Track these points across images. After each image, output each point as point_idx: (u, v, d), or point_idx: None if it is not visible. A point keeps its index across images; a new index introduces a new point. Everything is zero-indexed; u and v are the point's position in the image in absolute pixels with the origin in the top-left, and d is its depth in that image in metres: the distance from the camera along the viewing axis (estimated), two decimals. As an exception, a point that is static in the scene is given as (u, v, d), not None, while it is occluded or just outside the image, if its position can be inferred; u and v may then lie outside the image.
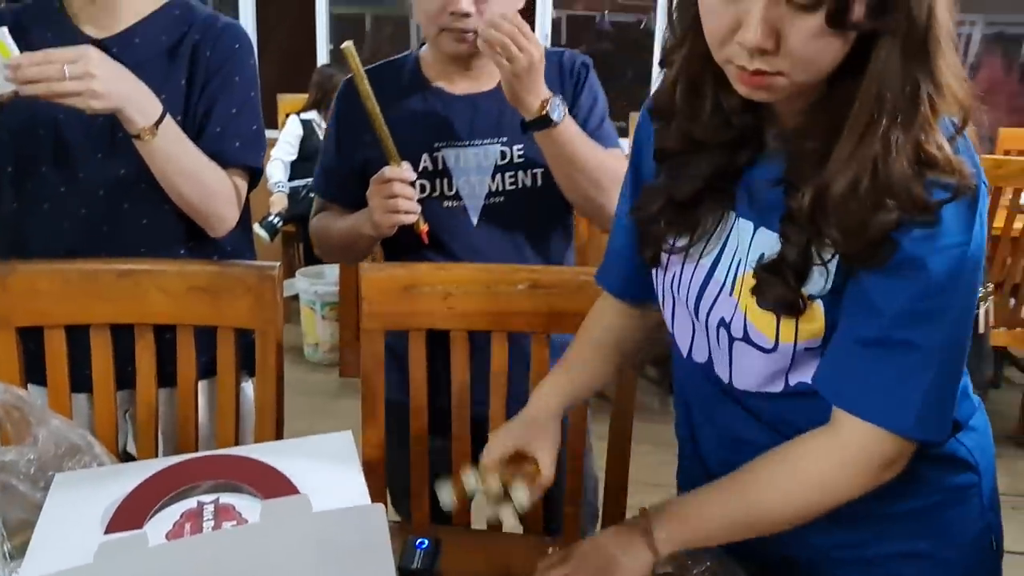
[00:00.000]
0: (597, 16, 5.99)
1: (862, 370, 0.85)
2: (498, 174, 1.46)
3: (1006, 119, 5.40)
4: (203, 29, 1.37)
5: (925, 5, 0.74)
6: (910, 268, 0.80)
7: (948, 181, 0.78)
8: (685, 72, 0.89)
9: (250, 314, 1.30)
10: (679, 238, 0.95)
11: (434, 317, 1.32)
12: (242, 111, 1.36)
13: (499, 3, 1.38)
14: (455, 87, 1.48)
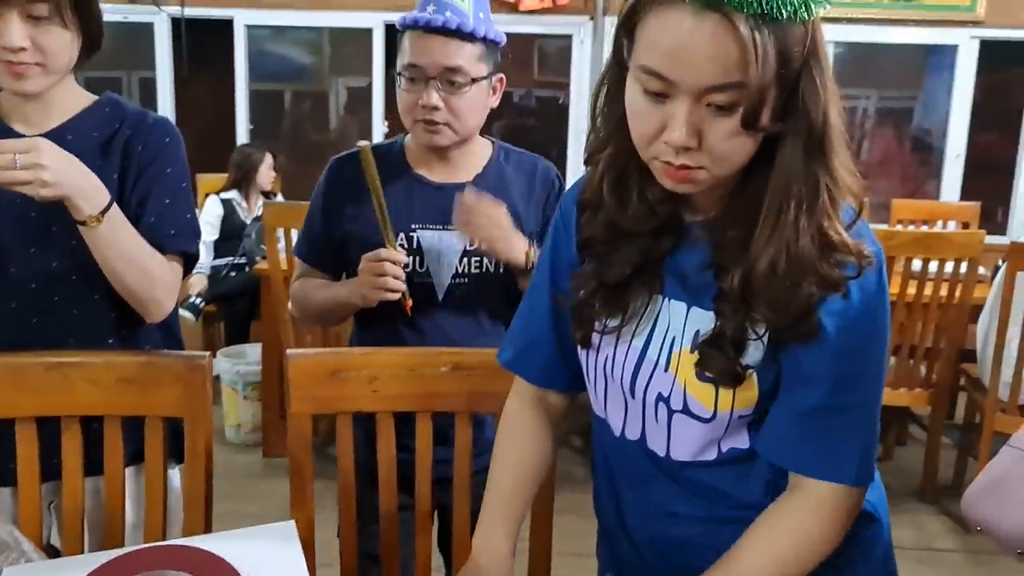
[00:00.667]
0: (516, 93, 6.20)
1: (811, 436, 0.95)
2: (465, 258, 1.58)
3: (899, 188, 5.75)
4: (134, 125, 1.42)
5: (821, 110, 0.86)
6: (833, 337, 0.91)
7: (851, 260, 0.90)
8: (611, 168, 0.98)
9: (179, 403, 1.32)
10: (610, 319, 1.02)
11: (360, 400, 1.36)
12: (175, 201, 1.41)
13: (467, 100, 1.52)
14: (434, 175, 1.61)
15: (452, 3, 1.48)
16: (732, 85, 0.82)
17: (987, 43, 4.32)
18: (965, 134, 4.45)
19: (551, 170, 1.67)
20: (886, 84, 5.75)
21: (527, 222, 1.61)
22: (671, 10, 0.83)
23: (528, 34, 4.70)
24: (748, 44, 0.80)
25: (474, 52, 1.50)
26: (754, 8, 0.80)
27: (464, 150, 1.61)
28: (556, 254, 1.13)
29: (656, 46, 0.85)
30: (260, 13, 4.43)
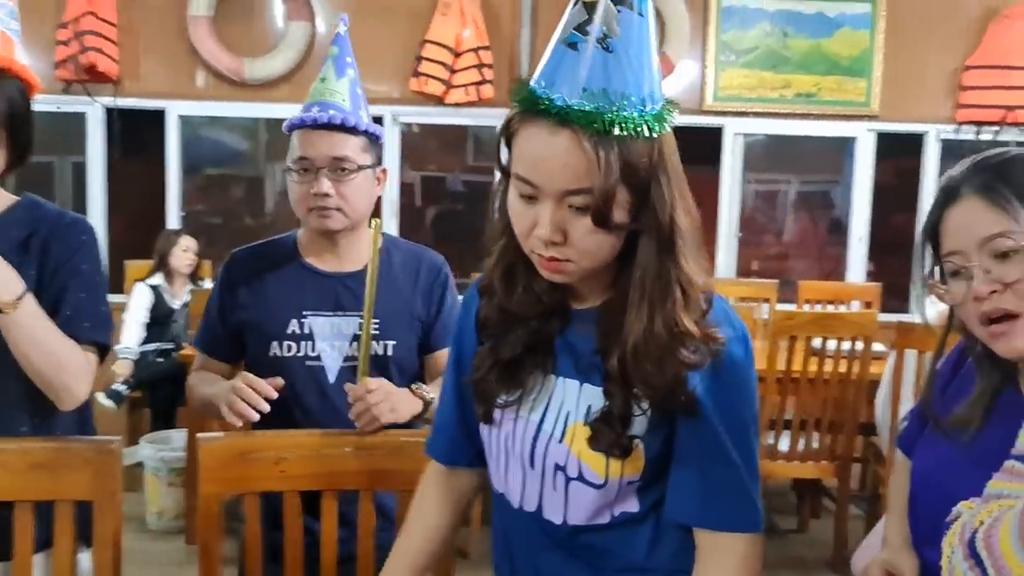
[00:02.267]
0: (448, 177, 6.39)
1: (715, 495, 1.07)
2: (355, 341, 1.67)
3: (816, 268, 6.03)
4: (51, 225, 1.49)
5: (667, 213, 1.00)
6: (713, 407, 1.04)
7: (701, 345, 1.02)
8: (502, 259, 1.12)
9: (90, 487, 1.37)
10: (508, 395, 1.13)
11: (268, 481, 1.43)
12: (90, 295, 1.48)
13: (355, 187, 1.66)
14: (324, 264, 1.73)
15: (334, 103, 1.66)
16: (584, 190, 0.96)
17: (884, 134, 4.64)
18: (867, 218, 4.73)
19: (437, 260, 1.80)
20: (808, 170, 6.09)
21: (413, 307, 1.73)
22: (534, 126, 0.98)
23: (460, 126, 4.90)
24: (592, 156, 0.94)
25: (358, 143, 1.67)
26: (596, 127, 0.94)
27: (353, 239, 1.73)
28: (461, 340, 1.24)
29: (524, 156, 0.99)
30: (194, 104, 4.54)
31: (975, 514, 1.03)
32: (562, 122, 0.95)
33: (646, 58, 0.99)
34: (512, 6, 4.42)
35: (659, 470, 1.10)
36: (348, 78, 1.71)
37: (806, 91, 4.49)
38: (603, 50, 0.96)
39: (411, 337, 1.73)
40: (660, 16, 4.39)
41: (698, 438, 1.06)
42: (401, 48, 4.38)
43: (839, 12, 4.48)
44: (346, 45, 1.75)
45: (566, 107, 0.95)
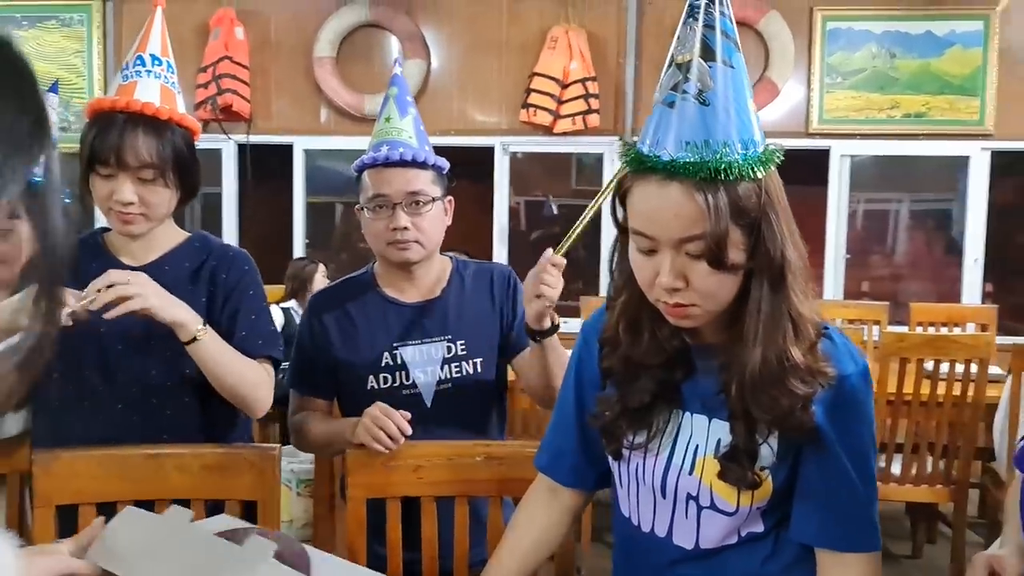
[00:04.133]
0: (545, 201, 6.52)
1: (837, 518, 1.15)
2: (446, 365, 1.79)
3: (930, 289, 5.89)
4: (219, 257, 1.70)
5: (779, 250, 1.07)
6: (835, 437, 1.12)
7: (810, 378, 1.10)
8: (625, 313, 1.20)
9: (253, 488, 1.55)
10: (637, 436, 1.22)
11: (407, 486, 1.59)
12: (259, 317, 1.68)
13: (430, 219, 1.77)
14: (405, 295, 1.84)
15: (403, 141, 1.76)
16: (697, 236, 1.04)
17: (1000, 153, 4.55)
18: (982, 239, 4.63)
19: (505, 270, 1.90)
20: (920, 188, 5.96)
21: (491, 324, 1.83)
22: (645, 183, 1.07)
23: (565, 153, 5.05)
24: (702, 203, 1.03)
25: (428, 177, 1.77)
26: (703, 174, 1.03)
27: (428, 268, 1.83)
28: (580, 373, 1.33)
29: (639, 211, 1.09)
30: (318, 139, 4.83)
31: None
32: (670, 175, 1.03)
33: (741, 105, 1.06)
34: (617, 39, 4.56)
35: (785, 496, 1.18)
36: (411, 116, 1.81)
37: (915, 111, 4.45)
38: (700, 104, 1.04)
39: (494, 354, 1.84)
40: (764, 41, 4.44)
41: (821, 465, 1.14)
42: (511, 81, 4.57)
43: (949, 31, 4.43)
44: (404, 85, 1.85)
45: (671, 161, 1.03)
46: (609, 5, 4.54)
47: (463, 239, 4.98)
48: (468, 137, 4.54)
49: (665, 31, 4.52)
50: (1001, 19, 4.40)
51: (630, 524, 1.29)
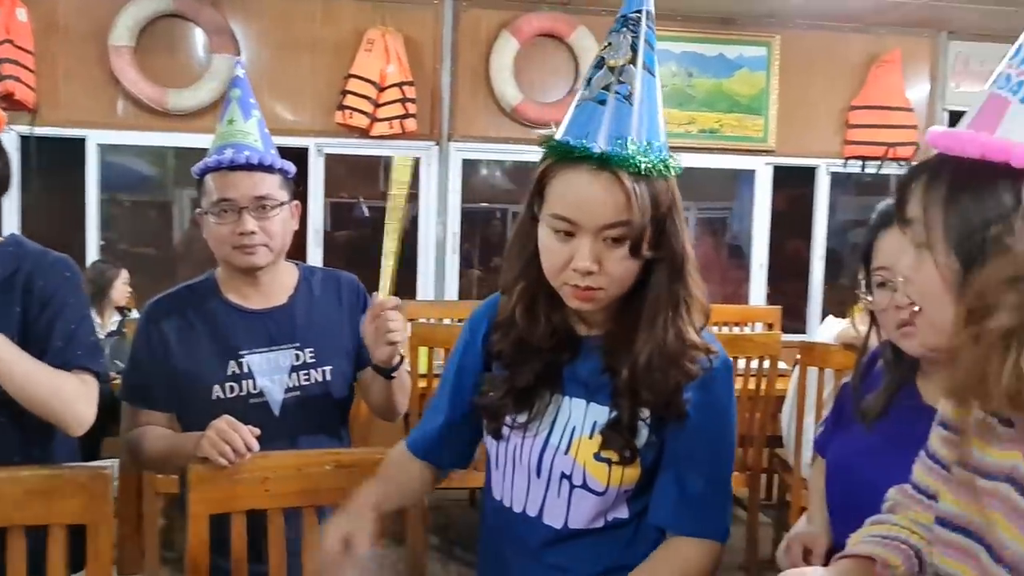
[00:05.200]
0: (356, 203, 6.46)
1: (692, 503, 1.23)
2: (294, 373, 1.76)
3: (719, 292, 6.35)
4: (35, 263, 1.57)
5: (680, 244, 1.18)
6: (701, 421, 1.21)
7: (702, 355, 1.20)
8: (523, 298, 1.26)
9: (83, 511, 1.44)
10: (519, 416, 1.28)
11: (253, 499, 1.53)
12: (79, 326, 1.56)
13: (278, 223, 1.74)
14: (250, 302, 1.79)
15: (248, 144, 1.73)
16: (621, 223, 1.13)
17: (779, 167, 4.99)
18: (766, 246, 5.06)
19: (353, 280, 1.91)
20: (704, 197, 6.41)
21: (342, 331, 1.82)
22: (573, 171, 1.15)
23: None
24: (631, 193, 1.12)
25: (275, 181, 1.75)
26: (631, 167, 1.12)
27: (275, 274, 1.80)
28: (463, 360, 1.39)
29: (563, 197, 1.16)
30: (115, 133, 4.52)
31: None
32: (602, 165, 1.12)
33: (657, 111, 1.18)
34: (434, 44, 4.59)
35: (651, 479, 1.27)
36: (256, 119, 1.78)
37: (709, 127, 4.80)
38: (628, 105, 1.14)
39: (345, 362, 1.82)
40: (574, 54, 4.63)
41: (682, 446, 1.24)
42: (325, 82, 4.48)
43: (738, 54, 4.82)
44: (247, 87, 1.81)
45: (604, 152, 1.12)
46: (426, 10, 4.57)
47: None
48: (280, 137, 4.37)
49: (481, 39, 4.60)
50: (781, 46, 4.84)
51: (501, 506, 1.35)
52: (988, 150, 0.83)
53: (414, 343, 3.11)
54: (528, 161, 4.95)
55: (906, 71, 4.90)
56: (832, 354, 3.01)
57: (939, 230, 0.86)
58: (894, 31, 4.91)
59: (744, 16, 4.75)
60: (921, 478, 1.11)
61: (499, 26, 4.57)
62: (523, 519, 1.32)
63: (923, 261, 0.89)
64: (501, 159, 5.91)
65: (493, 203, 7.54)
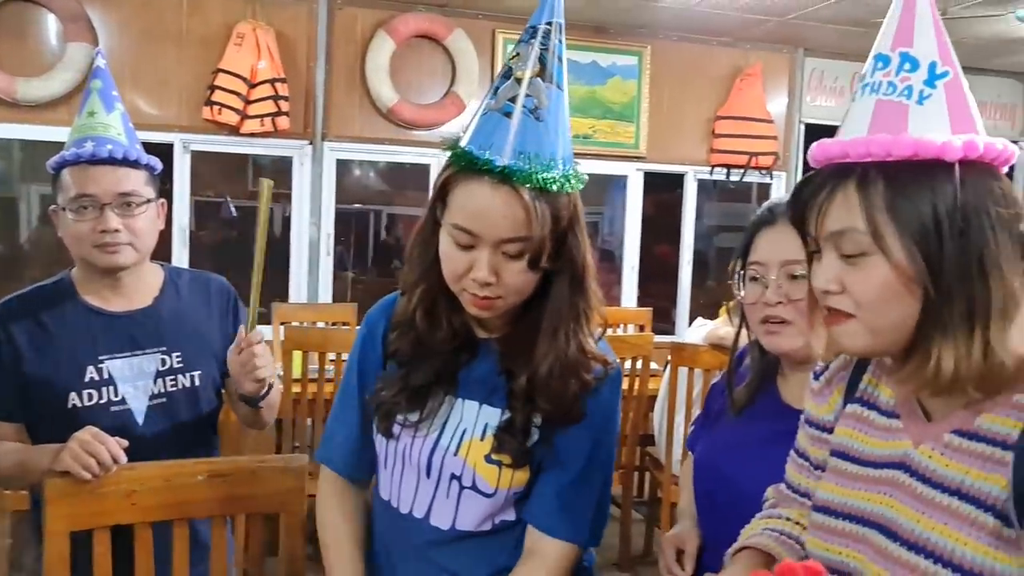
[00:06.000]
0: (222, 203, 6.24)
1: (563, 504, 1.24)
2: (160, 379, 1.67)
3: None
4: None
5: (581, 257, 1.20)
6: (588, 426, 1.23)
7: (599, 365, 1.22)
8: (424, 300, 1.25)
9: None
10: (411, 415, 1.27)
11: (119, 513, 1.45)
12: None
13: (143, 221, 1.65)
14: (111, 304, 1.68)
15: (111, 137, 1.63)
16: (520, 238, 1.14)
17: (649, 173, 5.14)
18: (637, 249, 5.21)
19: (224, 283, 1.84)
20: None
21: (211, 335, 1.75)
22: (475, 183, 1.14)
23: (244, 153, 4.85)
24: (530, 208, 1.12)
25: (141, 177, 1.66)
26: (532, 183, 1.12)
27: (138, 275, 1.71)
28: (363, 362, 1.36)
29: (464, 209, 1.15)
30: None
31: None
32: (503, 180, 1.12)
33: (566, 126, 1.18)
34: (308, 41, 4.48)
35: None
36: (119, 112, 1.69)
37: (584, 133, 4.89)
38: (534, 119, 1.14)
39: (214, 366, 1.76)
40: (451, 57, 4.62)
41: (564, 449, 1.25)
42: (192, 76, 4.30)
43: (611, 63, 4.93)
44: (108, 79, 1.72)
45: (507, 167, 1.11)
46: (299, 5, 4.46)
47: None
48: (144, 132, 4.16)
49: (356, 38, 4.53)
50: (652, 56, 4.98)
51: (389, 507, 1.33)
52: (920, 148, 0.87)
53: (287, 347, 3.03)
54: (403, 163, 4.92)
55: (767, 84, 5.14)
56: (701, 354, 3.11)
57: (892, 233, 0.87)
58: (757, 46, 5.14)
59: (617, 25, 4.86)
60: (793, 477, 1.16)
61: (375, 25, 4.51)
62: (410, 520, 1.31)
63: (863, 268, 0.89)
64: (376, 160, 5.83)
65: (367, 204, 7.44)
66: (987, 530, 0.85)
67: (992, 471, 0.86)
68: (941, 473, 0.90)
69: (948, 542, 0.87)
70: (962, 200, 0.86)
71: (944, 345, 0.86)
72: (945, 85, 0.91)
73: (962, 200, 0.86)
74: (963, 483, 0.88)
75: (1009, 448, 0.86)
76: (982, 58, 5.09)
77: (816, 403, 1.11)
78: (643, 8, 4.49)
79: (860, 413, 1.03)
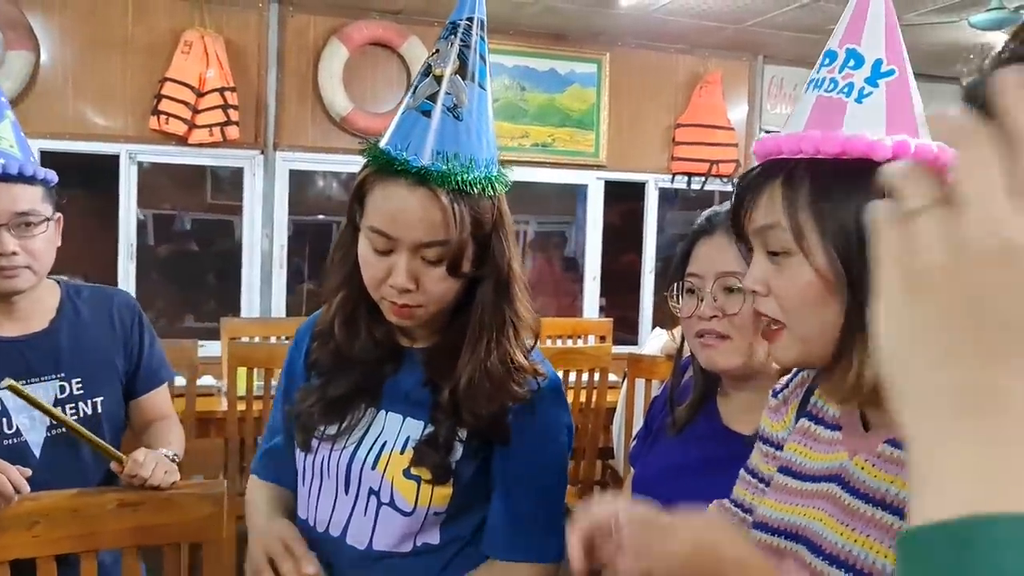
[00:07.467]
0: (178, 216, 6.11)
1: (519, 526, 1.17)
2: (59, 407, 1.55)
3: (554, 304, 6.43)
4: None
5: (506, 262, 1.14)
6: (529, 441, 1.16)
7: (530, 377, 1.15)
8: (343, 309, 1.19)
9: None
10: (329, 427, 1.20)
11: (20, 547, 1.35)
12: None
13: (42, 241, 1.54)
14: (3, 330, 1.57)
15: (2, 150, 1.51)
16: (438, 242, 1.08)
17: (610, 182, 5.09)
18: (599, 259, 5.15)
19: (128, 300, 1.73)
20: (544, 211, 6.48)
21: (114, 357, 1.65)
22: (392, 184, 1.08)
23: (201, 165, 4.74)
24: (448, 211, 1.06)
25: (37, 194, 1.54)
26: (451, 185, 1.06)
27: (32, 297, 1.60)
28: (290, 374, 1.30)
29: (381, 211, 1.09)
30: None
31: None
32: (420, 181, 1.06)
33: (487, 125, 1.13)
34: (258, 49, 4.38)
35: (466, 502, 1.20)
36: (9, 121, 1.57)
37: (542, 141, 4.83)
38: (454, 118, 1.09)
39: (117, 389, 1.66)
40: (406, 64, 4.55)
41: (510, 472, 1.18)
42: (137, 85, 4.18)
43: (569, 70, 4.88)
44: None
45: (423, 168, 1.06)
46: (249, 12, 4.36)
47: (79, 259, 4.46)
48: (87, 143, 4.07)
49: (308, 44, 4.44)
50: (611, 64, 4.94)
51: (306, 526, 1.26)
52: (848, 147, 0.82)
53: (232, 363, 2.92)
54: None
55: (727, 92, 5.12)
56: (658, 365, 3.06)
57: (813, 233, 0.82)
58: (716, 53, 5.12)
59: (574, 33, 4.82)
60: (739, 493, 1.12)
61: (328, 33, 4.42)
62: (327, 539, 1.23)
63: (786, 268, 0.85)
64: (334, 170, 5.73)
65: (330, 215, 7.34)
66: None
67: None
68: (869, 484, 0.86)
69: (869, 554, 0.83)
70: None
71: (864, 354, 0.81)
72: (888, 84, 0.87)
73: None
74: (887, 493, 0.84)
75: None
76: (937, 65, 5.12)
77: (772, 420, 1.08)
78: (601, 15, 4.45)
79: (807, 428, 1.00)
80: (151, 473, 1.42)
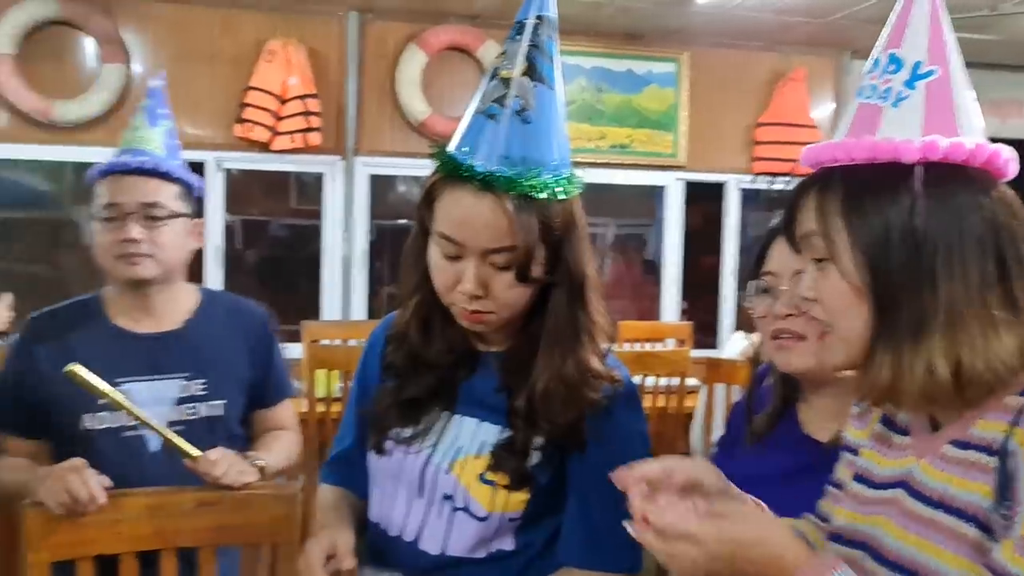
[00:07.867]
0: (270, 221, 6.28)
1: (598, 536, 1.15)
2: (179, 405, 1.60)
3: (634, 308, 6.36)
4: None
5: (579, 266, 1.12)
6: (606, 447, 1.13)
7: (605, 383, 1.13)
8: (419, 311, 1.19)
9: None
10: (403, 430, 1.20)
11: (104, 543, 1.38)
12: None
13: (168, 234, 1.60)
14: (138, 325, 1.64)
15: (146, 150, 1.61)
16: (505, 248, 1.06)
17: (691, 183, 5.00)
18: (679, 262, 5.07)
19: (261, 314, 1.77)
20: (624, 214, 6.42)
21: (240, 366, 1.68)
22: (459, 190, 1.07)
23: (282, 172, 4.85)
24: (514, 217, 1.04)
25: (172, 191, 1.62)
26: (517, 190, 1.05)
27: (167, 295, 1.65)
28: (364, 379, 1.30)
29: (448, 217, 1.09)
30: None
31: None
32: (486, 186, 1.05)
33: (556, 127, 1.11)
34: (339, 57, 4.46)
35: (540, 509, 1.18)
36: (163, 128, 1.66)
37: (619, 142, 4.78)
38: (521, 121, 1.07)
39: (240, 397, 1.69)
40: (483, 68, 4.56)
41: (587, 480, 1.16)
42: (224, 94, 4.30)
43: (647, 71, 4.82)
44: (159, 97, 1.71)
45: (489, 173, 1.04)
46: (330, 22, 4.44)
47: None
48: (177, 151, 4.21)
49: (388, 51, 4.50)
50: (690, 63, 4.86)
51: (378, 530, 1.25)
52: (877, 151, 0.84)
53: (311, 366, 2.98)
54: (438, 177, 4.85)
55: (811, 89, 4.97)
56: (738, 370, 2.98)
57: (843, 239, 0.84)
58: (799, 50, 4.98)
59: (651, 32, 4.75)
60: (823, 505, 1.10)
61: (406, 39, 4.47)
62: (399, 544, 1.22)
63: (827, 275, 0.88)
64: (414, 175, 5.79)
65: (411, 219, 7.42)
66: (967, 542, 0.80)
67: (975, 478, 0.83)
68: (931, 486, 0.87)
69: (931, 558, 0.82)
70: (922, 208, 0.82)
71: (884, 356, 0.84)
72: (927, 85, 0.87)
73: (922, 208, 0.82)
74: (945, 493, 0.84)
75: (995, 454, 0.81)
76: (1038, 56, 4.87)
77: (856, 427, 1.06)
78: (677, 14, 4.38)
79: (881, 433, 0.99)
80: (223, 472, 1.44)
